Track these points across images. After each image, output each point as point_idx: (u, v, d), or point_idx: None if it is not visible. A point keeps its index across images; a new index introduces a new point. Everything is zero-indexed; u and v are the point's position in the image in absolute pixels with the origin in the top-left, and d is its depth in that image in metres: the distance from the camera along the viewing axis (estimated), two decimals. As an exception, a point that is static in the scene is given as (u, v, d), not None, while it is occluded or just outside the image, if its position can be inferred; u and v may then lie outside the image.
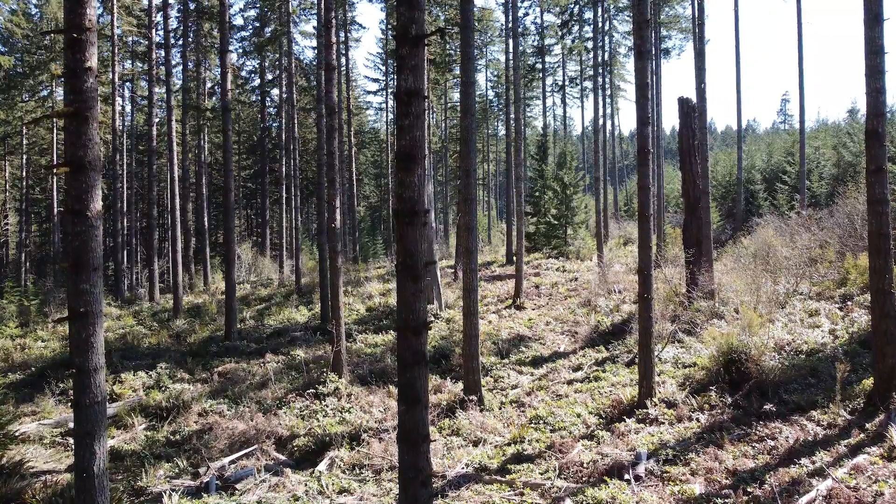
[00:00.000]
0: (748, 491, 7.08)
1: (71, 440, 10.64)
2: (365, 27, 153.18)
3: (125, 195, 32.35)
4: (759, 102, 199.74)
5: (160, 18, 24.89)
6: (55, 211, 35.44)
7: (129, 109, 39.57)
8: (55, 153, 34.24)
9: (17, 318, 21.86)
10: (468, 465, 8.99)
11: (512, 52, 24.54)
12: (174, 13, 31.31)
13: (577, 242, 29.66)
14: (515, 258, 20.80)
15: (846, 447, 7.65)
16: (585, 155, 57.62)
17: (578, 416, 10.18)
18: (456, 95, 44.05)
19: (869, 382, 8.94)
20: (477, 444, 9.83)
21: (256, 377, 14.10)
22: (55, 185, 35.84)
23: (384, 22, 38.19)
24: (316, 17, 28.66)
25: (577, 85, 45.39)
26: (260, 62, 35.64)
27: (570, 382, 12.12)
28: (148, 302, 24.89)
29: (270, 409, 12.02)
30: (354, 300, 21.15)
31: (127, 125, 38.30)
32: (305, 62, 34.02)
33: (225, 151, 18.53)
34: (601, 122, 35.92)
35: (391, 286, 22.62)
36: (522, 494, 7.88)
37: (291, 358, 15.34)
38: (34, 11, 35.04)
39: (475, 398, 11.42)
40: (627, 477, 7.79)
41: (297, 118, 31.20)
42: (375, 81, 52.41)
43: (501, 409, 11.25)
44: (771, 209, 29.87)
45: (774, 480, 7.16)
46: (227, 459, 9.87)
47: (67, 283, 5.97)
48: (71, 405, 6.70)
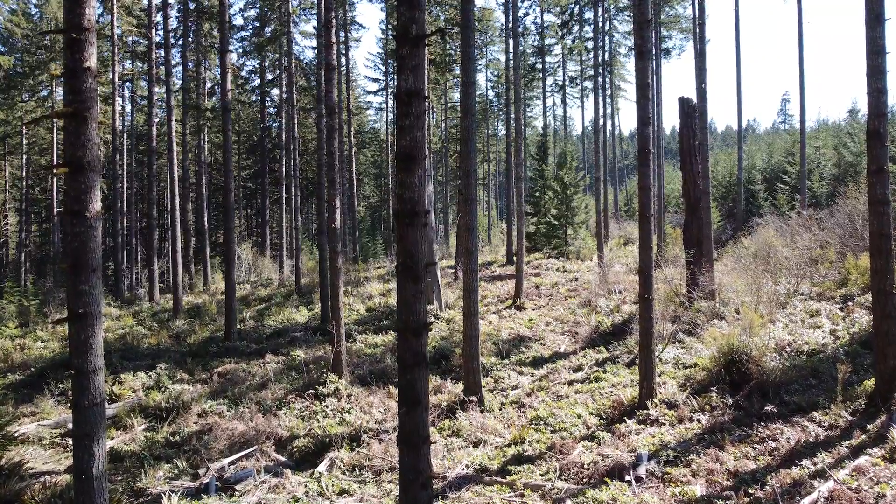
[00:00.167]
0: (749, 492, 7.06)
1: (70, 441, 10.60)
2: (365, 27, 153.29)
3: (125, 195, 32.33)
4: (759, 102, 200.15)
5: (160, 18, 24.87)
6: (55, 211, 35.42)
7: (129, 109, 39.57)
8: (55, 153, 34.21)
9: (16, 318, 21.82)
10: (468, 466, 8.97)
11: (512, 52, 24.52)
12: (174, 13, 31.33)
13: (577, 242, 29.64)
14: (515, 258, 20.78)
15: (848, 448, 7.63)
16: (585, 155, 57.60)
17: (579, 416, 10.15)
18: (456, 95, 44.04)
19: (870, 383, 8.92)
20: (477, 445, 9.81)
21: (256, 378, 14.07)
22: (55, 185, 35.81)
23: (384, 22, 38.20)
24: (316, 17, 28.67)
25: (577, 85, 45.39)
26: (260, 62, 35.63)
27: (570, 383, 12.09)
28: (148, 302, 24.87)
29: (270, 409, 11.99)
30: (354, 300, 21.12)
31: (127, 125, 38.28)
32: (305, 62, 34.01)
33: (225, 151, 18.50)
34: (601, 122, 35.88)
35: (391, 286, 22.60)
36: (523, 496, 7.85)
37: (291, 358, 15.31)
38: (34, 11, 35.03)
39: (475, 399, 11.40)
40: (628, 478, 7.77)
41: (297, 118, 31.17)
42: (375, 81, 52.49)
43: (502, 409, 11.22)
44: (771, 209, 29.84)
45: (776, 482, 7.14)
46: (226, 460, 9.85)
47: (67, 283, 5.96)
48: (70, 406, 6.67)
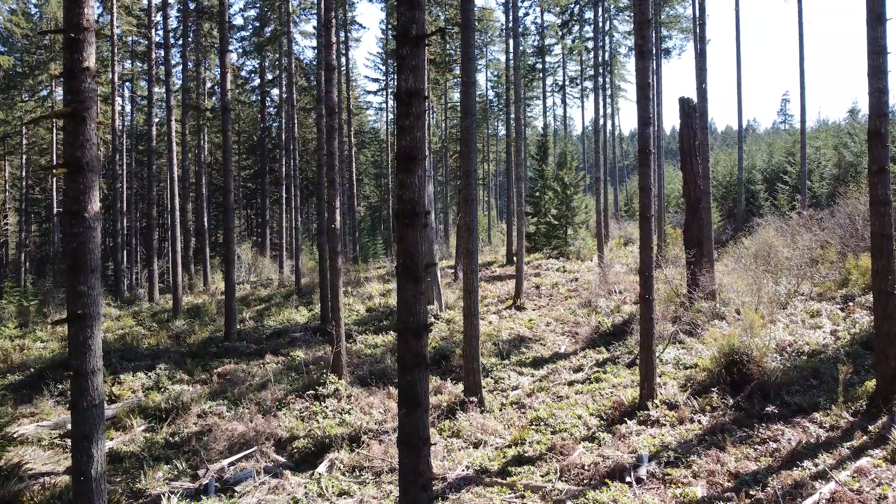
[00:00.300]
0: (751, 494, 7.04)
1: (70, 442, 10.58)
2: (365, 27, 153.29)
3: (125, 195, 32.30)
4: (759, 102, 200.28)
5: (160, 18, 24.85)
6: (55, 211, 35.39)
7: (128, 109, 39.57)
8: (55, 153, 34.19)
9: (16, 318, 21.80)
10: (468, 467, 8.95)
11: (512, 51, 24.50)
12: (174, 13, 31.31)
13: (577, 243, 29.62)
14: (516, 258, 20.75)
15: (849, 449, 7.61)
16: (586, 155, 57.59)
17: (579, 417, 10.13)
18: (456, 95, 44.01)
19: (871, 384, 8.90)
20: (477, 445, 9.78)
21: (256, 378, 14.04)
22: (55, 185, 35.81)
23: (384, 22, 38.18)
24: (316, 16, 28.63)
25: (577, 85, 45.38)
26: (260, 62, 35.61)
27: (570, 384, 12.07)
28: (147, 302, 24.84)
29: (270, 410, 11.96)
30: (354, 300, 21.10)
31: (126, 125, 38.26)
32: (305, 62, 33.99)
33: (225, 151, 18.48)
34: (601, 122, 35.86)
35: (391, 286, 22.58)
36: (523, 497, 7.83)
37: (291, 359, 15.29)
38: (34, 11, 35.02)
39: (476, 399, 11.37)
40: (629, 479, 7.74)
41: (297, 118, 31.15)
42: (375, 81, 52.47)
43: (502, 410, 11.20)
44: (772, 209, 29.80)
45: (777, 483, 7.11)
46: (226, 461, 9.82)
47: (66, 284, 5.95)
48: (70, 406, 6.65)
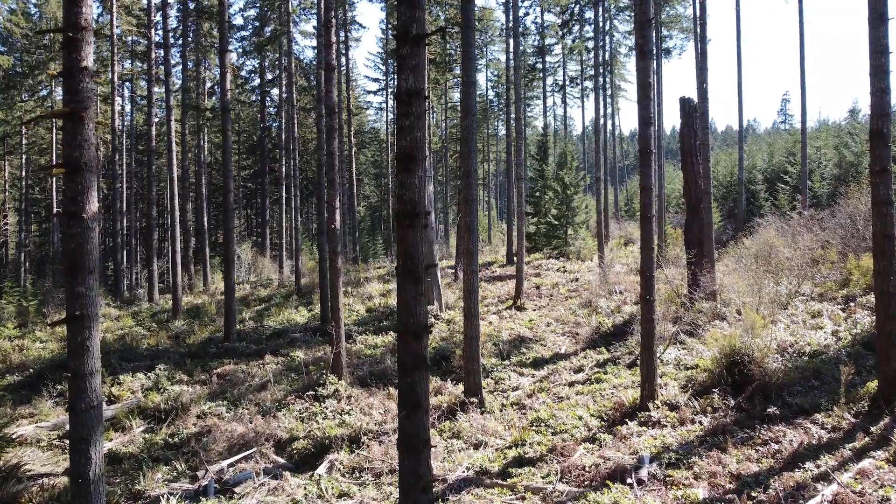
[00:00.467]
0: (752, 495, 7.00)
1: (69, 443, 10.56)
2: (365, 27, 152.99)
3: (124, 195, 32.27)
4: (759, 102, 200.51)
5: (159, 18, 24.82)
6: (54, 211, 35.35)
7: (128, 109, 39.53)
8: (55, 153, 34.17)
9: (15, 318, 21.76)
10: (469, 468, 8.91)
11: (512, 51, 24.47)
12: (174, 13, 31.27)
13: (577, 243, 29.59)
14: (516, 258, 20.72)
15: (851, 451, 7.57)
16: (586, 155, 57.59)
17: (580, 418, 10.09)
18: (456, 95, 43.99)
19: (873, 385, 8.86)
20: (478, 447, 9.74)
21: (256, 379, 14.01)
22: (54, 185, 35.78)
23: (384, 22, 38.15)
24: (316, 16, 28.57)
25: (577, 85, 45.38)
26: (260, 62, 35.58)
27: (571, 384, 12.03)
28: (147, 302, 24.81)
29: (270, 411, 11.93)
30: (354, 301, 21.07)
31: (126, 125, 38.23)
32: (305, 62, 33.97)
33: (224, 151, 18.44)
34: (602, 121, 35.83)
35: (391, 286, 22.54)
36: (524, 499, 7.79)
37: (291, 359, 15.26)
38: (33, 11, 35.00)
39: (476, 400, 11.34)
40: (630, 481, 7.71)
41: (297, 118, 31.13)
42: (375, 81, 52.42)
43: (502, 411, 11.16)
44: (772, 209, 29.75)
45: (779, 485, 7.08)
46: (225, 462, 9.79)
47: (64, 285, 5.93)
48: (68, 408, 6.62)
